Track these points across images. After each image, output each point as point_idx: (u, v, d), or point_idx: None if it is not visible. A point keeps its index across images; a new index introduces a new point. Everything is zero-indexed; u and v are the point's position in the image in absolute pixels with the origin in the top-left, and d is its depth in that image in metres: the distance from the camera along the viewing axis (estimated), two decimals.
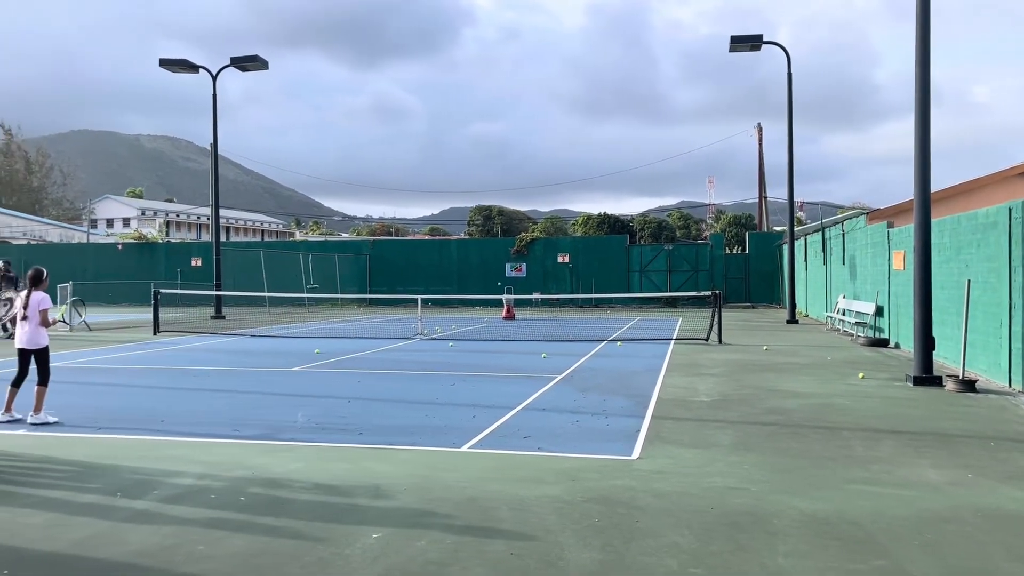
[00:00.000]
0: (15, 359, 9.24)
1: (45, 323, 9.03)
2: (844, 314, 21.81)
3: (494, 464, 7.05)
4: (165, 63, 29.88)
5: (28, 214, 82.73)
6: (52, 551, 4.92)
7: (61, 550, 4.93)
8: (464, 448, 7.71)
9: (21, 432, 8.45)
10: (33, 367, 9.07)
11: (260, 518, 5.53)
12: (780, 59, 27.23)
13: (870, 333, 18.91)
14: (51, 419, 8.94)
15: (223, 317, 29.58)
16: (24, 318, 9.02)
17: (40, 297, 9.07)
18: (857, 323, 19.71)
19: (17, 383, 9.09)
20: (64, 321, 10.10)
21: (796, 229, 30.43)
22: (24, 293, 9.17)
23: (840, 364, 14.53)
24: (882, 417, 9.28)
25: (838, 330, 22.17)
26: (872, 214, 21.21)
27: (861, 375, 12.82)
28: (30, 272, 9.31)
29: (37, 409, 8.90)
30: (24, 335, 9.04)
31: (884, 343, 17.78)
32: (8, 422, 8.83)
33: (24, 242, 62.57)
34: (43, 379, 9.01)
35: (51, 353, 9.33)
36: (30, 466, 7.06)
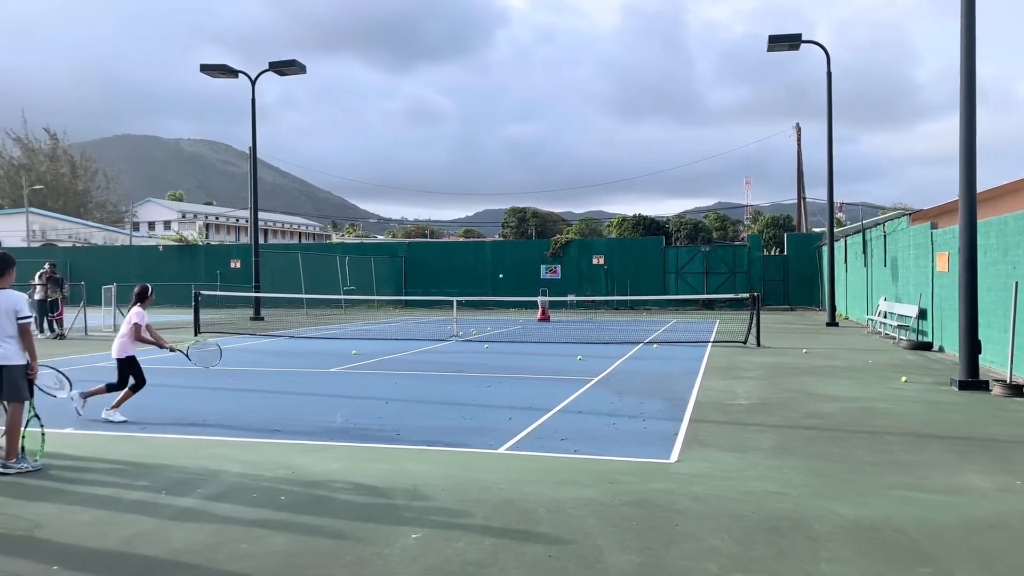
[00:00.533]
0: (66, 359, 9.46)
1: (137, 336, 9.42)
2: (886, 317, 21.44)
3: (531, 466, 7.05)
4: (205, 68, 30.36)
5: (73, 217, 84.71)
6: (101, 548, 5.02)
7: (110, 547, 5.04)
8: (501, 450, 7.72)
9: (68, 431, 8.65)
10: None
11: (300, 517, 5.59)
12: (818, 58, 26.93)
13: (913, 336, 18.57)
14: (118, 418, 9.26)
15: (262, 318, 29.98)
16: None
17: (136, 312, 9.51)
18: (899, 326, 19.37)
19: (112, 388, 9.46)
20: (184, 354, 10.56)
21: (836, 230, 29.97)
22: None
23: (882, 368, 14.29)
24: (926, 422, 9.12)
25: (879, 333, 21.80)
26: (915, 215, 20.81)
27: (904, 379, 12.60)
28: (136, 288, 9.84)
29: (116, 405, 9.31)
30: (115, 345, 9.49)
31: (927, 347, 17.45)
32: (111, 422, 9.20)
33: (69, 244, 64.01)
34: (135, 385, 9.41)
35: (100, 353, 9.55)
36: (78, 464, 7.22)
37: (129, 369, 9.36)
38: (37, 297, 22.06)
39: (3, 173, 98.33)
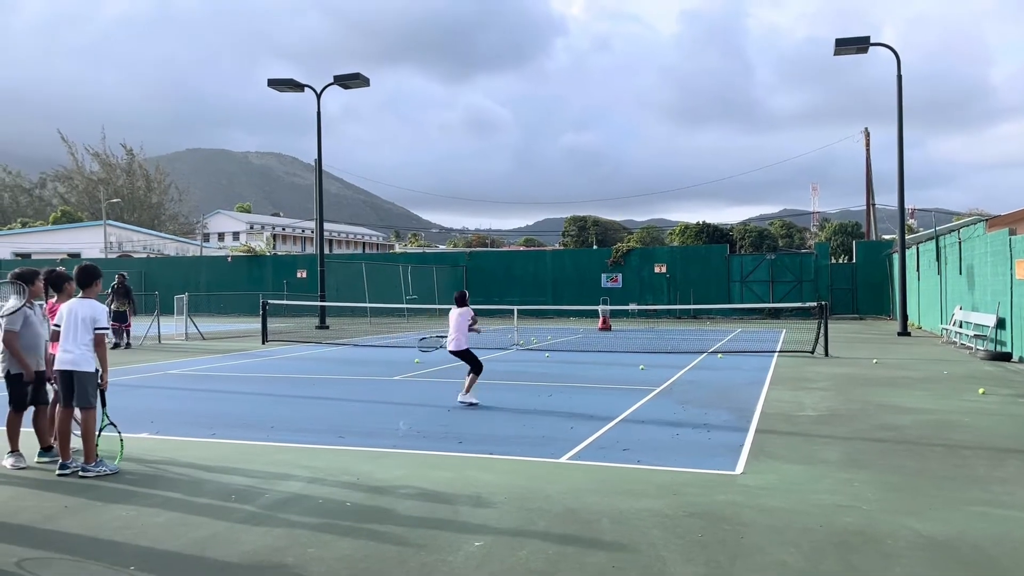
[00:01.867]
0: (139, 366, 9.78)
1: (473, 329, 11.32)
2: (961, 326, 20.70)
3: (593, 476, 7.01)
4: (273, 83, 31.15)
5: (148, 229, 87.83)
6: (175, 549, 5.18)
7: (183, 548, 5.19)
8: (563, 459, 7.70)
9: (143, 435, 8.94)
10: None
11: (365, 523, 5.67)
12: (884, 62, 26.41)
13: (990, 346, 17.88)
14: (472, 400, 10.91)
15: (327, 327, 30.51)
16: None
17: (461, 311, 11.21)
18: (976, 336, 18.67)
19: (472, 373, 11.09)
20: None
21: (907, 237, 29.09)
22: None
23: (958, 379, 13.79)
24: (1006, 435, 8.76)
25: (954, 343, 21.06)
26: (992, 221, 20.07)
27: (982, 391, 12.14)
28: (456, 294, 11.73)
29: (467, 390, 11.07)
30: (451, 341, 11.21)
31: (1007, 357, 16.78)
32: (471, 405, 10.81)
33: (144, 255, 66.31)
34: (474, 370, 11.11)
35: (172, 360, 9.86)
36: (152, 468, 7.45)
37: (468, 359, 11.03)
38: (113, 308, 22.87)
39: (83, 187, 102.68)
